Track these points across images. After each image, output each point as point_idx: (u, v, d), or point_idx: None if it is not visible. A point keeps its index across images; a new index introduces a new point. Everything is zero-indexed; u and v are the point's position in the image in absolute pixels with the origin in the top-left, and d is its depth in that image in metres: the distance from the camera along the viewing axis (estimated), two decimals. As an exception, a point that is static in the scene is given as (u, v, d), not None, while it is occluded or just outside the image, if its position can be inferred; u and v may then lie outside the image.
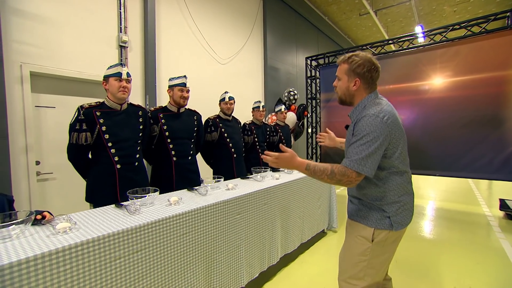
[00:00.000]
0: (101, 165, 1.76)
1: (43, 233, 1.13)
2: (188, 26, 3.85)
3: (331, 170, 1.11)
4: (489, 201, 4.55)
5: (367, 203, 1.20)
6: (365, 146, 1.07)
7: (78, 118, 1.68)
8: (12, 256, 0.92)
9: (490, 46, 3.61)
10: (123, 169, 1.79)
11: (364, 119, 1.10)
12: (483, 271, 2.24)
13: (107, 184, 1.76)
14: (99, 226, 1.20)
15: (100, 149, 1.75)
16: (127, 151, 1.81)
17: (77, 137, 1.67)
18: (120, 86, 1.74)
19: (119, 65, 1.76)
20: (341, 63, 1.23)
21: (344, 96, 1.26)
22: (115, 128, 1.76)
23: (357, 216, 1.23)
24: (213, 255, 1.62)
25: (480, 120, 3.69)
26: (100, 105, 1.76)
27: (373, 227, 1.16)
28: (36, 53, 2.38)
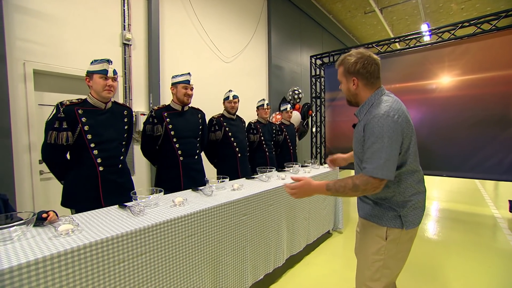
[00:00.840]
0: (82, 167, 1.62)
1: (45, 235, 1.09)
2: (192, 24, 3.81)
3: (353, 183, 1.08)
4: (497, 202, 4.47)
5: (379, 202, 1.19)
6: (383, 150, 1.03)
7: (58, 116, 1.54)
8: (12, 259, 0.88)
9: (500, 44, 3.53)
10: (106, 171, 1.66)
11: (375, 119, 1.06)
12: (496, 275, 2.18)
13: (89, 187, 1.62)
14: (102, 228, 1.17)
15: (81, 149, 1.60)
16: (111, 152, 1.69)
17: (56, 137, 1.53)
18: (105, 84, 1.59)
19: (105, 62, 1.63)
20: (338, 67, 1.23)
21: (349, 98, 1.25)
22: (99, 128, 1.63)
23: (371, 216, 1.22)
24: (219, 257, 1.58)
25: (489, 120, 3.61)
26: (83, 103, 1.61)
27: (386, 226, 1.15)
28: (39, 51, 2.36)
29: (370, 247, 1.19)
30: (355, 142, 1.20)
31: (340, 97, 5.11)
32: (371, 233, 1.20)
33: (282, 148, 3.35)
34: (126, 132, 1.82)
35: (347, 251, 2.65)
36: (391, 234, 1.14)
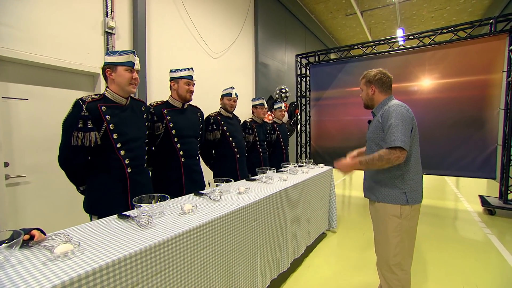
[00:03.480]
0: (110, 170, 1.48)
1: (36, 260, 0.88)
2: (180, 16, 3.56)
3: (378, 154, 1.38)
4: (465, 197, 4.85)
5: (389, 182, 1.46)
6: (399, 128, 1.35)
7: (81, 114, 1.37)
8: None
9: (475, 51, 3.80)
10: (133, 172, 1.53)
11: (391, 108, 1.42)
12: (475, 265, 2.32)
13: (117, 191, 1.49)
14: (109, 246, 0.99)
15: (107, 151, 1.46)
16: (136, 152, 1.56)
17: (83, 138, 1.36)
18: (131, 77, 1.47)
19: (132, 53, 1.48)
20: (361, 80, 1.64)
21: (367, 101, 1.63)
22: (123, 126, 1.49)
23: (384, 197, 1.47)
24: (231, 268, 1.45)
25: (465, 121, 3.88)
26: (103, 99, 1.47)
27: (399, 204, 1.43)
28: (5, 34, 2.00)
29: (388, 227, 1.46)
30: (373, 132, 1.53)
31: (326, 97, 5.18)
32: (387, 214, 1.46)
33: (275, 148, 3.28)
34: (147, 129, 1.69)
35: (344, 251, 2.66)
36: (404, 211, 1.42)
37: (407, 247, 1.47)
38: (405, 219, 1.43)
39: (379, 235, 1.53)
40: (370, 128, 1.60)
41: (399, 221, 1.43)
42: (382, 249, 1.51)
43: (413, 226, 1.48)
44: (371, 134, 1.56)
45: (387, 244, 1.47)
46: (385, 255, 1.49)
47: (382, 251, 1.52)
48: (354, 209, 4.21)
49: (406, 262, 1.48)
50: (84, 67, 2.55)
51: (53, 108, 2.38)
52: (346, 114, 4.87)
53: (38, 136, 2.29)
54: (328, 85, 5.12)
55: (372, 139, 1.53)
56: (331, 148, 5.12)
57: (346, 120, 4.85)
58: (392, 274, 1.47)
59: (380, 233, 1.52)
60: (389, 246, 1.46)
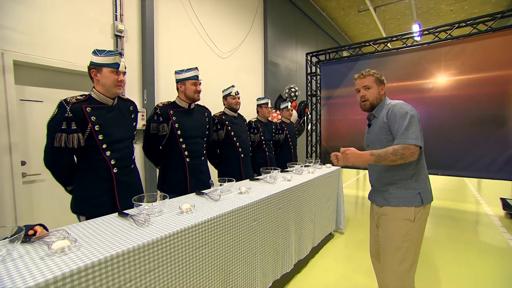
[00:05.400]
0: (95, 170, 1.49)
1: (35, 254, 0.93)
2: (188, 17, 3.61)
3: (392, 148, 1.30)
4: (486, 199, 4.59)
5: (402, 184, 1.39)
6: (410, 124, 1.31)
7: (65, 116, 1.38)
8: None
9: (496, 45, 3.58)
10: (119, 173, 1.55)
11: (396, 107, 1.39)
12: (495, 272, 2.19)
13: (103, 191, 1.51)
14: (104, 243, 1.01)
15: (92, 152, 1.47)
16: (123, 152, 1.57)
17: (66, 139, 1.38)
18: (116, 79, 1.47)
19: (118, 54, 1.49)
20: (366, 76, 1.51)
21: (375, 101, 1.51)
22: (109, 127, 1.50)
23: (398, 199, 1.39)
24: (229, 267, 1.46)
25: (484, 119, 3.67)
26: (88, 99, 1.46)
27: (413, 206, 1.35)
28: (20, 40, 2.12)
29: (399, 232, 1.37)
30: (378, 134, 1.46)
31: (337, 96, 5.07)
32: (400, 218, 1.37)
33: (283, 148, 3.25)
34: (135, 129, 1.71)
35: (351, 253, 2.59)
36: (417, 214, 1.35)
37: (416, 251, 1.40)
38: (417, 222, 1.36)
39: (389, 242, 1.42)
40: (371, 131, 1.53)
41: (411, 224, 1.35)
42: (390, 257, 1.40)
43: (422, 230, 1.42)
44: (374, 136, 1.48)
45: (397, 250, 1.37)
46: (394, 263, 1.39)
47: (390, 258, 1.40)
48: (363, 210, 4.10)
49: (413, 268, 1.40)
50: (95, 70, 2.64)
51: (66, 110, 2.49)
52: (357, 113, 4.74)
53: (52, 136, 2.40)
54: (339, 83, 5.01)
55: (377, 141, 1.46)
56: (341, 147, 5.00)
57: (357, 119, 4.73)
58: (398, 281, 1.38)
59: (390, 239, 1.41)
60: (399, 252, 1.37)
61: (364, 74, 1.53)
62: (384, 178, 1.45)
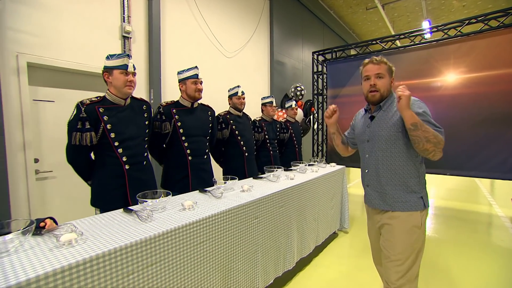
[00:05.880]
0: (108, 166, 1.60)
1: (45, 246, 0.99)
2: (194, 17, 3.66)
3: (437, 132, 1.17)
4: (498, 201, 4.47)
5: (405, 187, 1.29)
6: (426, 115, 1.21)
7: (80, 116, 1.50)
8: (10, 277, 0.78)
9: (508, 41, 3.47)
10: (131, 169, 1.64)
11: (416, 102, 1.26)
12: (504, 274, 2.14)
13: (116, 186, 1.61)
14: (109, 237, 1.07)
15: (105, 149, 1.58)
16: (135, 149, 1.66)
17: (80, 138, 1.50)
18: (126, 80, 1.56)
19: (126, 56, 1.58)
20: (380, 63, 1.34)
21: (385, 93, 1.35)
22: (121, 125, 1.60)
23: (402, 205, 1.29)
24: (230, 263, 1.49)
25: (495, 118, 3.57)
26: (102, 100, 1.58)
27: (419, 210, 1.27)
28: (33, 42, 2.21)
29: (408, 240, 1.27)
30: (384, 129, 1.32)
31: (343, 94, 5.03)
32: (407, 225, 1.28)
33: (287, 147, 3.26)
34: (147, 128, 1.78)
35: (355, 252, 2.59)
36: (423, 218, 1.28)
37: (421, 257, 1.32)
38: (423, 226, 1.29)
39: (396, 250, 1.28)
40: (374, 124, 1.36)
41: (419, 231, 1.27)
42: (399, 266, 1.28)
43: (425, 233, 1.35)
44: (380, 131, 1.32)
45: (407, 258, 1.27)
46: (403, 272, 1.27)
47: (399, 267, 1.28)
48: (370, 210, 4.06)
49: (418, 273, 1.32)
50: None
51: (76, 109, 2.58)
52: (363, 112, 4.69)
53: (63, 135, 2.48)
54: (345, 82, 4.96)
55: (382, 137, 1.31)
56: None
57: (364, 118, 4.67)
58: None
59: (398, 247, 1.28)
60: (408, 260, 1.27)
61: (377, 60, 1.34)
62: (386, 178, 1.32)
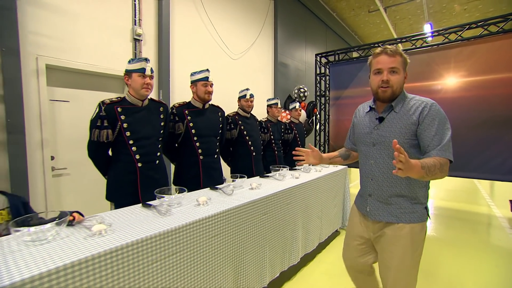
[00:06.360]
0: (122, 163, 1.70)
1: (79, 235, 1.09)
2: (201, 20, 3.77)
3: (440, 164, 1.05)
4: (496, 202, 4.56)
5: (412, 197, 1.19)
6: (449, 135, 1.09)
7: (100, 114, 1.61)
8: (48, 262, 0.87)
9: (508, 46, 3.56)
10: (144, 167, 1.73)
11: (435, 107, 1.12)
12: (502, 274, 2.24)
13: (128, 182, 1.70)
14: (133, 229, 1.16)
15: (121, 146, 1.68)
16: (148, 148, 1.75)
17: (98, 134, 1.61)
18: (143, 82, 1.67)
19: (144, 60, 1.68)
20: (395, 54, 1.15)
21: (398, 90, 1.18)
22: (137, 125, 1.70)
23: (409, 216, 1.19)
24: (240, 256, 1.59)
25: (494, 120, 3.66)
26: (121, 101, 1.69)
27: (424, 221, 1.20)
28: (51, 45, 2.31)
29: (415, 250, 1.19)
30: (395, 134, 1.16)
31: (345, 96, 5.13)
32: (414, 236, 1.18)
33: (291, 147, 3.35)
34: (163, 129, 1.86)
35: (357, 250, 2.68)
36: (424, 228, 1.21)
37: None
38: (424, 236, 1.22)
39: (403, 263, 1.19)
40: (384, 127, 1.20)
41: (421, 243, 1.21)
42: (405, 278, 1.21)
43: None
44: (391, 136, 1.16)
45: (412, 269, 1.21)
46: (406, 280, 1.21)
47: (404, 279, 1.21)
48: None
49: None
50: (114, 71, 2.83)
51: (88, 109, 2.67)
52: (365, 113, 4.78)
53: (76, 134, 2.60)
54: (348, 84, 5.06)
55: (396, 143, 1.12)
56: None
57: (366, 120, 4.77)
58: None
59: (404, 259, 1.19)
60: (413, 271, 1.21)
61: (392, 51, 1.15)
62: (395, 188, 1.19)
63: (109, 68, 2.76)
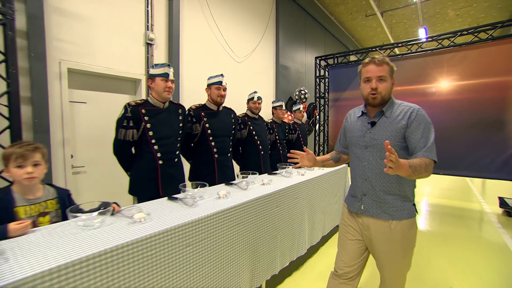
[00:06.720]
0: (144, 160, 1.83)
1: (122, 222, 1.24)
2: (208, 25, 3.92)
3: (425, 164, 1.14)
4: (487, 199, 4.81)
5: (402, 195, 1.27)
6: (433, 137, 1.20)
7: (126, 115, 1.75)
8: (100, 244, 1.03)
9: (497, 52, 3.80)
10: (164, 164, 1.86)
11: (421, 112, 1.23)
12: (488, 265, 2.44)
13: (149, 178, 1.84)
14: (168, 217, 1.32)
15: (144, 145, 1.82)
16: (168, 147, 1.89)
17: (125, 134, 1.74)
18: (166, 86, 1.80)
19: (167, 66, 1.82)
20: (383, 64, 1.25)
21: (387, 96, 1.28)
22: (158, 125, 1.83)
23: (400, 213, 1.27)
24: (256, 245, 1.75)
25: (484, 122, 3.89)
26: (145, 103, 1.82)
27: (413, 217, 1.29)
28: (72, 50, 2.45)
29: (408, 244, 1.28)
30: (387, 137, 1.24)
31: (344, 98, 5.33)
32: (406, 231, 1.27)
33: (295, 146, 3.53)
34: (181, 129, 2.00)
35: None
36: (414, 223, 1.30)
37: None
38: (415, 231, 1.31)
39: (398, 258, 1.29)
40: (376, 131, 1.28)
41: (415, 236, 1.30)
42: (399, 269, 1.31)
43: None
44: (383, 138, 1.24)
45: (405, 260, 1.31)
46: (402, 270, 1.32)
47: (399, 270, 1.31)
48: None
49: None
50: (128, 74, 2.97)
51: (104, 110, 2.82)
52: (363, 114, 4.98)
53: (92, 134, 2.74)
54: (346, 86, 5.27)
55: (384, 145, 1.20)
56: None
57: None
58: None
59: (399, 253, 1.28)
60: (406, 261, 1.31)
61: (379, 60, 1.25)
62: (387, 187, 1.27)
63: (123, 71, 2.90)
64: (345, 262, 1.43)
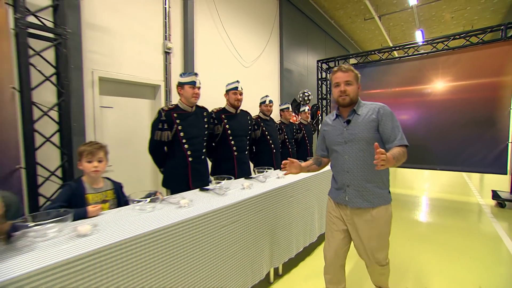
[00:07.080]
0: (177, 158, 2.09)
1: (170, 208, 1.49)
2: (218, 33, 4.20)
3: (402, 151, 1.35)
4: (482, 193, 5.08)
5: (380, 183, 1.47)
6: (399, 125, 1.44)
7: (161, 119, 1.99)
8: (155, 223, 1.29)
9: (487, 55, 4.08)
10: (193, 161, 2.12)
11: (385, 107, 1.46)
12: (480, 252, 2.71)
13: (181, 173, 2.09)
14: (205, 204, 1.57)
15: (176, 144, 2.07)
16: (196, 146, 2.14)
17: (161, 135, 1.99)
18: (193, 92, 2.06)
19: (194, 75, 2.08)
20: (348, 71, 1.48)
21: (354, 98, 1.49)
22: (188, 127, 2.08)
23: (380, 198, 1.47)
24: (275, 231, 2.01)
25: (476, 120, 4.17)
26: (176, 108, 2.07)
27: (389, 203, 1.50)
28: (102, 61, 2.72)
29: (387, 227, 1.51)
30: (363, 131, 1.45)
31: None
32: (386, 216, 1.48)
33: (301, 145, 3.80)
34: (207, 130, 2.25)
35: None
36: (389, 208, 1.50)
37: None
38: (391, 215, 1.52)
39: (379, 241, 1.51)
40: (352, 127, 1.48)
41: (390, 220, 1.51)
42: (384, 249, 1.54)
43: None
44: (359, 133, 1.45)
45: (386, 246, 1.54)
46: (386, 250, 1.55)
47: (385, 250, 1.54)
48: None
49: None
50: (149, 81, 3.23)
51: (127, 113, 3.09)
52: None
53: (118, 135, 3.00)
54: (347, 87, 5.53)
55: (363, 139, 1.45)
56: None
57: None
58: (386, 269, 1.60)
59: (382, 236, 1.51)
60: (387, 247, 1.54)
61: (346, 68, 1.48)
62: (367, 176, 1.46)
63: (145, 78, 3.17)
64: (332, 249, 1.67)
